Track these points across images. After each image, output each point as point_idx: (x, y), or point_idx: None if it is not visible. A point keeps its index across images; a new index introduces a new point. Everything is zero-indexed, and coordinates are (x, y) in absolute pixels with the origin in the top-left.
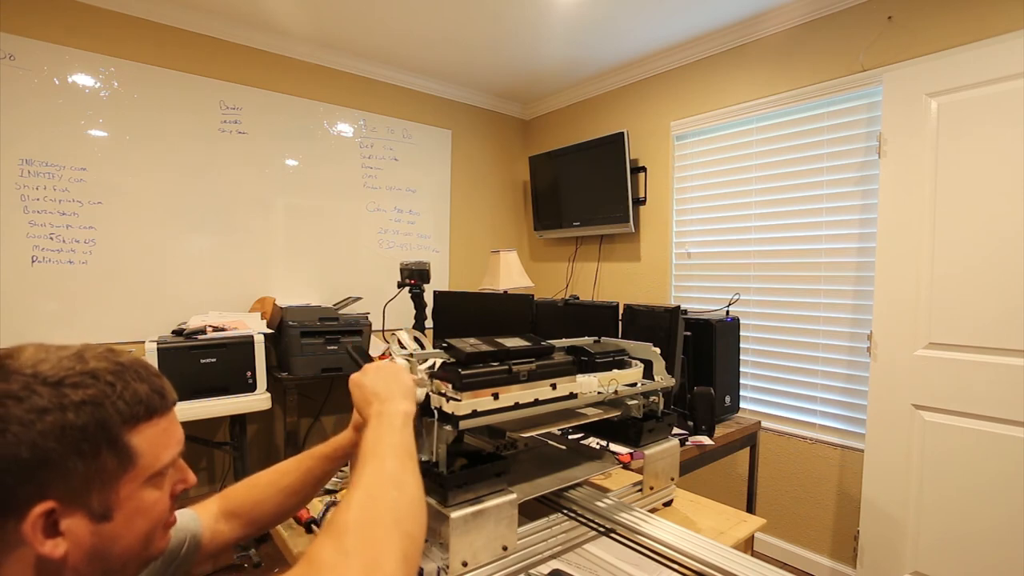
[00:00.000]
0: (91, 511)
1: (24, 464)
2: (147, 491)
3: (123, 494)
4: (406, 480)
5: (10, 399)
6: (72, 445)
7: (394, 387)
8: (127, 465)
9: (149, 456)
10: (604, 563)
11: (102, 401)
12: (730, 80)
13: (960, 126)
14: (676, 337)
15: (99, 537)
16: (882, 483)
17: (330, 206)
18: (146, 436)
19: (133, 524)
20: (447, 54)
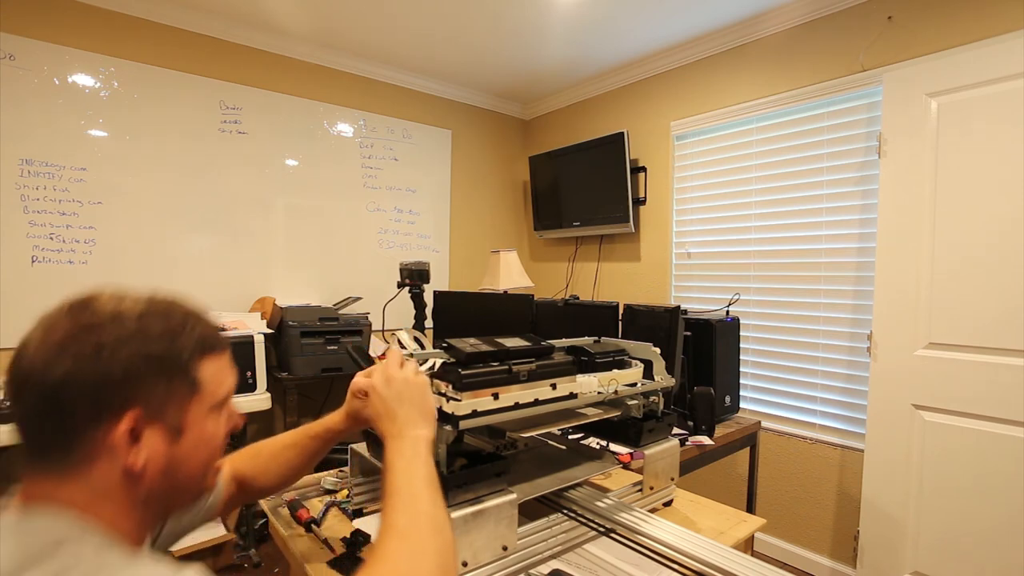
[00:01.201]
0: (167, 428)
1: (116, 382)
2: (209, 420)
3: (191, 418)
4: (441, 520)
5: (102, 328)
6: (153, 369)
7: (416, 412)
8: (195, 391)
9: (212, 386)
10: (604, 563)
11: (176, 334)
12: (730, 80)
13: (960, 126)
14: (676, 337)
15: (171, 456)
16: (882, 483)
17: (330, 206)
18: (209, 368)
19: (197, 450)
20: (447, 54)
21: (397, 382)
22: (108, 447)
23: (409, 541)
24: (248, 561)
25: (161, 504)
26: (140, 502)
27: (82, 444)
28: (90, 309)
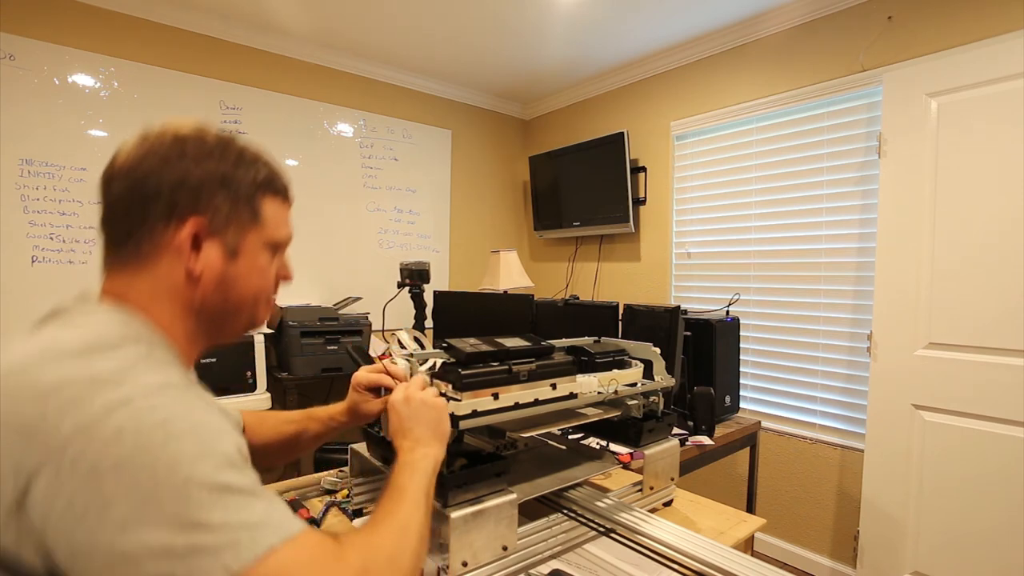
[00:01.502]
0: (225, 244)
1: (190, 187)
2: (263, 254)
3: (247, 245)
4: (426, 533)
5: (187, 141)
6: (223, 187)
7: (430, 432)
8: (255, 222)
9: (271, 224)
10: (604, 563)
11: (249, 165)
12: (730, 80)
13: (960, 126)
14: (676, 337)
15: (225, 272)
16: (882, 483)
17: (330, 206)
18: (271, 208)
19: (250, 276)
20: (447, 54)
21: (415, 402)
22: (173, 247)
23: (401, 531)
24: None
25: (213, 321)
26: (195, 310)
27: (152, 239)
28: (180, 126)
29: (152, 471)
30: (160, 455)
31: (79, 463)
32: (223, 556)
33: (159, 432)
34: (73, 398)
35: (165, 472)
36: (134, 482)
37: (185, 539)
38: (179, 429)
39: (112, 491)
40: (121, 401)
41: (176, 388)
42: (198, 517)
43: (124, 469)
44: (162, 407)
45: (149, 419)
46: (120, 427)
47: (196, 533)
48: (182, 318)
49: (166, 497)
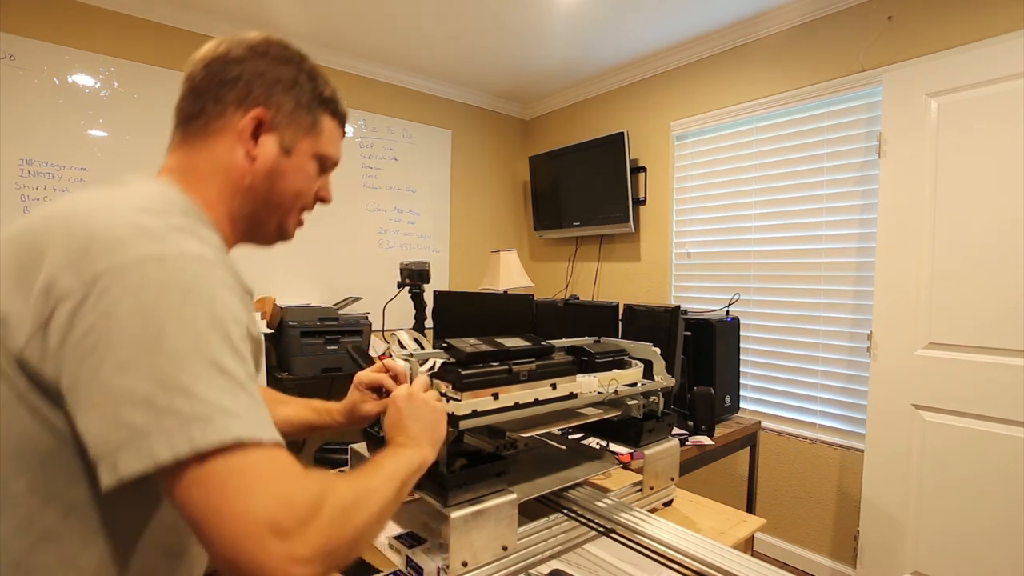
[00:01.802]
0: (282, 140)
1: (267, 82)
2: (311, 162)
3: (301, 147)
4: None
5: (272, 44)
6: (294, 91)
7: (426, 433)
8: (313, 131)
9: (325, 140)
10: (604, 563)
11: (320, 83)
12: (730, 80)
13: (960, 126)
14: (676, 337)
15: (276, 165)
16: (882, 483)
17: (330, 206)
18: (328, 125)
19: (296, 176)
20: (447, 54)
21: (418, 401)
22: (236, 131)
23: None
24: None
25: (253, 211)
26: (241, 193)
27: (221, 120)
28: (269, 33)
29: (160, 327)
30: (173, 315)
31: (102, 300)
32: (192, 427)
33: (179, 294)
34: (117, 240)
35: (171, 332)
36: (141, 332)
37: (166, 398)
38: (197, 298)
39: (120, 334)
40: (157, 256)
41: (209, 263)
42: (185, 383)
43: (137, 317)
44: (190, 273)
45: (175, 279)
46: (148, 277)
47: (177, 396)
48: (227, 199)
49: (164, 355)
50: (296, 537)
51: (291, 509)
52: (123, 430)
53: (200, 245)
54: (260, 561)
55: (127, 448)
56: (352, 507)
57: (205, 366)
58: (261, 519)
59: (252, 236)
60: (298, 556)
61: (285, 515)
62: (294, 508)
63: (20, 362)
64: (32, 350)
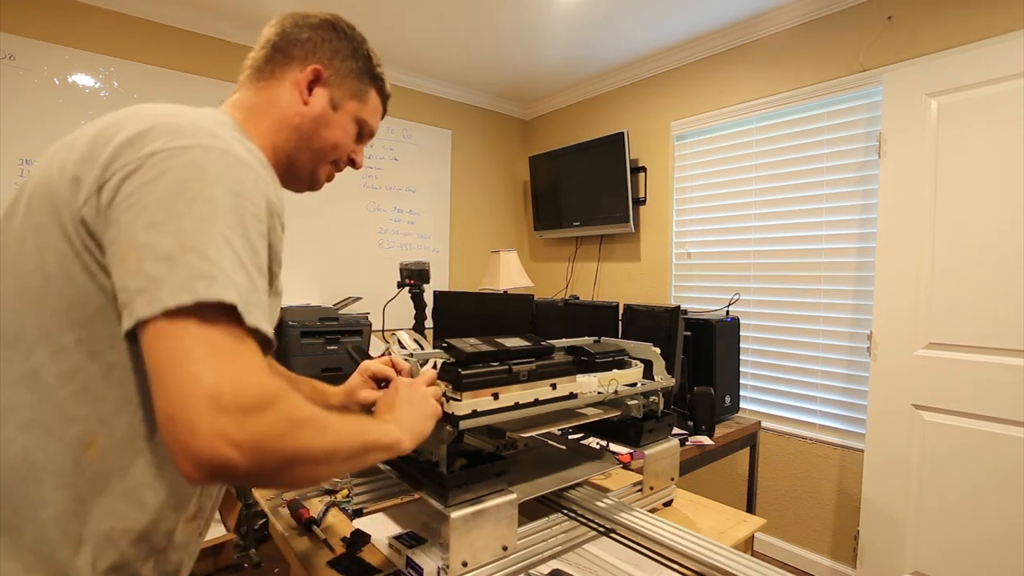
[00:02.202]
0: (332, 96)
1: (330, 49)
2: (352, 124)
3: (347, 107)
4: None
5: (341, 22)
6: (351, 60)
7: (414, 423)
8: (360, 97)
9: (369, 109)
10: (604, 563)
11: (376, 62)
12: (730, 80)
13: (960, 126)
14: (676, 337)
15: (323, 115)
16: (882, 483)
17: (330, 206)
18: (374, 99)
19: (337, 130)
20: (447, 54)
21: (418, 392)
22: (296, 81)
23: (325, 426)
24: (248, 561)
25: (295, 150)
26: (287, 130)
27: (285, 70)
28: (341, 15)
29: (192, 200)
30: (204, 193)
31: (150, 172)
32: (197, 281)
33: (213, 178)
34: (176, 128)
35: (200, 206)
36: (175, 200)
37: (183, 255)
38: (228, 186)
39: (157, 200)
40: (206, 145)
41: (248, 165)
42: (201, 245)
43: (175, 189)
44: (234, 166)
45: (217, 166)
46: (192, 160)
47: (192, 254)
48: (274, 132)
49: (190, 221)
50: (233, 418)
51: (239, 392)
52: (142, 278)
53: (246, 152)
54: (193, 424)
55: (143, 294)
56: (301, 425)
57: (220, 238)
58: (209, 388)
59: (288, 174)
60: (229, 435)
61: (232, 395)
62: (243, 393)
63: (82, 220)
64: (90, 209)
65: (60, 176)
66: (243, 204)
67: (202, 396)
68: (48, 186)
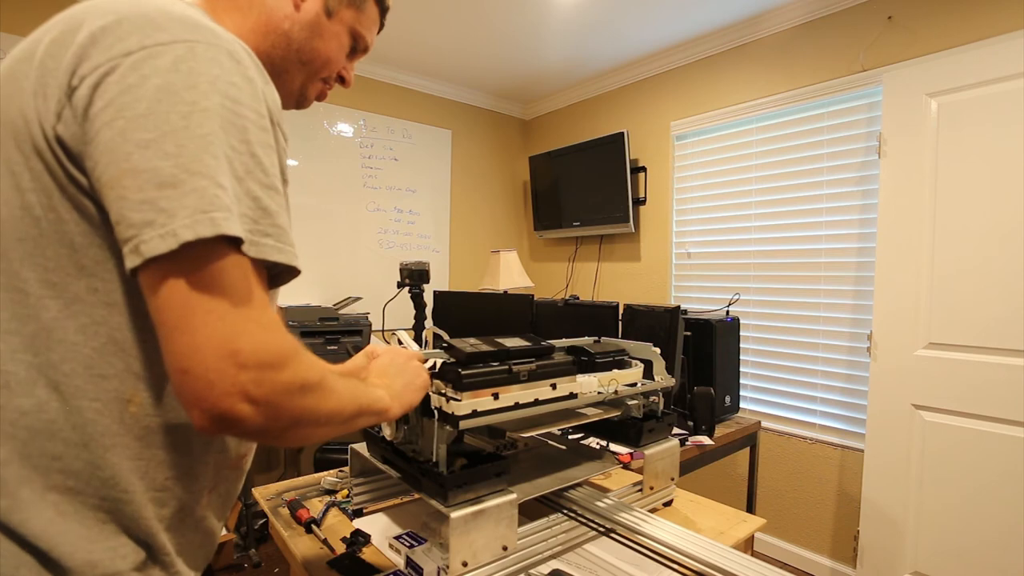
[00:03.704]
0: (327, 3)
1: None
2: (346, 35)
3: (342, 15)
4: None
5: None
6: None
7: (403, 390)
8: (356, 6)
9: (365, 19)
10: (604, 563)
11: None
12: (730, 80)
13: (960, 126)
14: (676, 337)
15: (317, 21)
16: (882, 483)
17: (330, 206)
18: (371, 10)
19: (330, 41)
20: (447, 54)
21: (413, 365)
22: None
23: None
24: (248, 561)
25: (283, 58)
26: (276, 34)
27: None
28: None
29: (188, 111)
30: (200, 103)
31: (130, 73)
32: (215, 212)
33: (211, 83)
34: (149, 20)
35: (199, 118)
36: (168, 112)
37: (192, 180)
38: (230, 92)
39: (147, 110)
40: (190, 40)
41: (248, 68)
42: (211, 168)
43: (165, 98)
44: (226, 66)
45: (208, 67)
46: (179, 60)
47: (202, 179)
48: (260, 36)
49: (192, 138)
50: (252, 375)
51: (259, 349)
52: (148, 209)
53: (235, 45)
54: (211, 378)
55: (151, 227)
56: (313, 386)
57: (224, 160)
58: (229, 341)
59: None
60: (247, 391)
61: (252, 351)
62: (263, 349)
63: (58, 139)
64: (65, 125)
65: (15, 93)
66: (244, 113)
67: (221, 350)
68: (8, 112)
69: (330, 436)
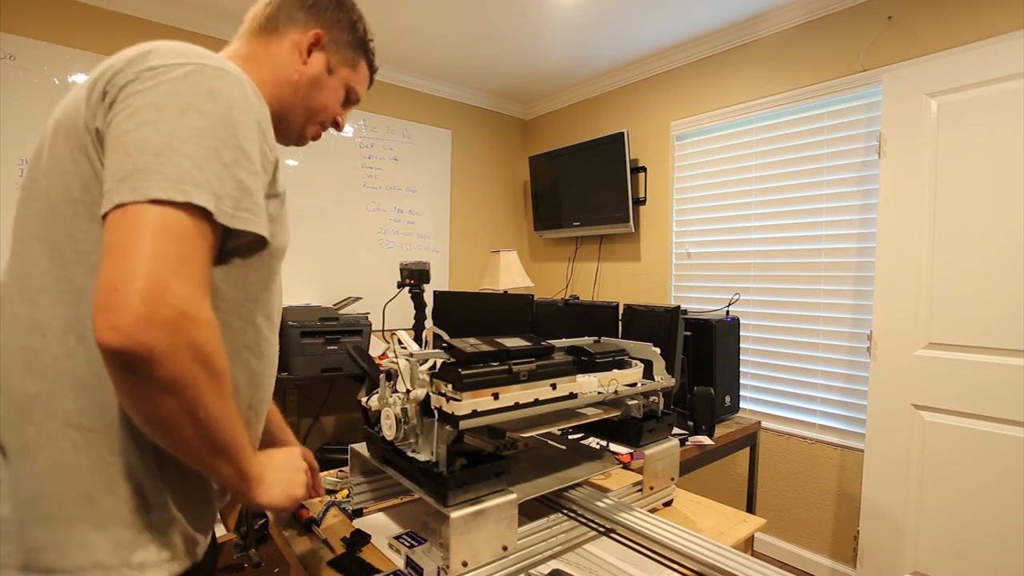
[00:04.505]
0: (327, 60)
1: (331, 17)
2: (341, 89)
3: (339, 73)
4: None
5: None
6: (350, 31)
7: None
8: (351, 65)
9: (358, 77)
10: (604, 563)
11: (370, 38)
12: (730, 80)
13: (960, 126)
14: (676, 337)
15: (317, 78)
16: (882, 483)
17: (330, 206)
18: (363, 69)
19: (329, 93)
20: (447, 54)
21: (301, 475)
22: (297, 40)
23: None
24: (248, 561)
25: (287, 106)
26: (282, 86)
27: (288, 30)
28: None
29: (184, 108)
30: (197, 104)
31: (147, 82)
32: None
33: (211, 92)
34: (173, 51)
35: (192, 115)
36: (166, 105)
37: (174, 156)
38: (228, 100)
39: (152, 101)
40: (201, 63)
41: (246, 86)
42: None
43: (168, 97)
44: (228, 82)
45: (211, 81)
46: (188, 74)
47: (183, 157)
48: (272, 85)
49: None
50: (172, 315)
51: (189, 300)
52: (129, 167)
53: (242, 78)
54: (135, 302)
55: (127, 181)
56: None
57: (211, 152)
58: (167, 279)
59: (279, 127)
60: (160, 327)
61: (182, 297)
62: (192, 303)
63: (96, 131)
64: (99, 119)
65: (75, 101)
66: (237, 116)
67: (157, 280)
68: (65, 116)
69: (190, 448)
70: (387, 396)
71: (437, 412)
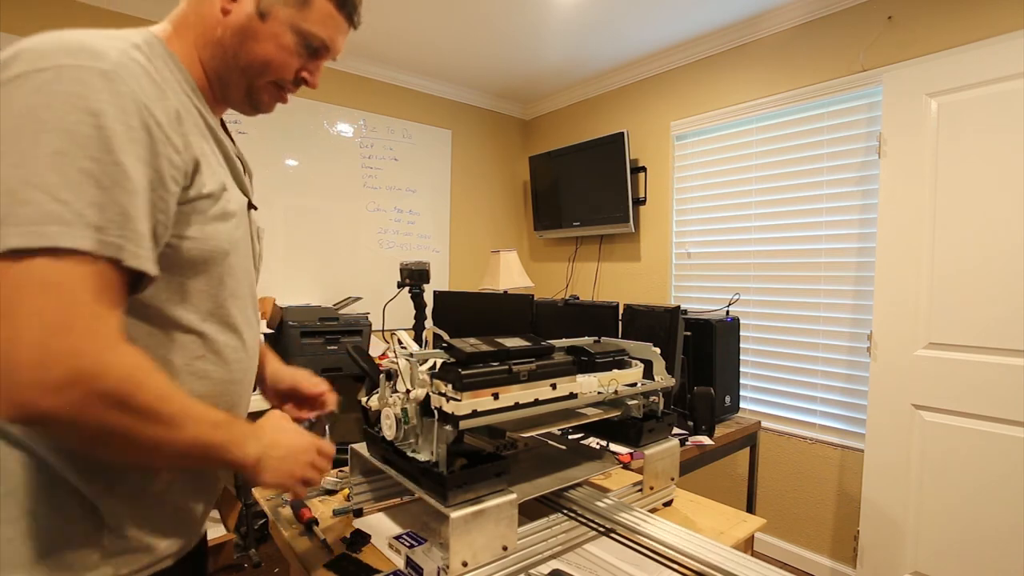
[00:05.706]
0: (259, 3)
1: None
2: (289, 34)
3: (278, 15)
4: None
5: None
6: None
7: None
8: (298, 3)
9: (312, 17)
10: (604, 563)
11: None
12: (730, 80)
13: (960, 126)
14: (676, 337)
15: (248, 25)
16: (882, 483)
17: (330, 206)
18: (321, 6)
19: (267, 44)
20: (447, 54)
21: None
22: None
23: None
24: (248, 561)
25: (222, 67)
26: (211, 44)
27: None
28: None
29: (39, 129)
30: (54, 121)
31: (4, 96)
32: (48, 226)
33: (68, 102)
34: (37, 52)
35: (49, 137)
36: (20, 130)
37: (29, 194)
38: (91, 107)
39: (6, 129)
40: (60, 66)
41: (121, 81)
42: (53, 186)
43: (22, 118)
44: (90, 82)
45: (69, 87)
46: (42, 84)
47: (41, 193)
48: (200, 48)
49: (39, 156)
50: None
51: (74, 354)
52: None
53: (122, 63)
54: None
55: None
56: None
57: (77, 174)
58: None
59: (225, 97)
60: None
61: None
62: (77, 356)
63: None
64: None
65: None
66: (107, 125)
67: (37, 344)
68: None
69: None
70: (387, 396)
71: (437, 412)
